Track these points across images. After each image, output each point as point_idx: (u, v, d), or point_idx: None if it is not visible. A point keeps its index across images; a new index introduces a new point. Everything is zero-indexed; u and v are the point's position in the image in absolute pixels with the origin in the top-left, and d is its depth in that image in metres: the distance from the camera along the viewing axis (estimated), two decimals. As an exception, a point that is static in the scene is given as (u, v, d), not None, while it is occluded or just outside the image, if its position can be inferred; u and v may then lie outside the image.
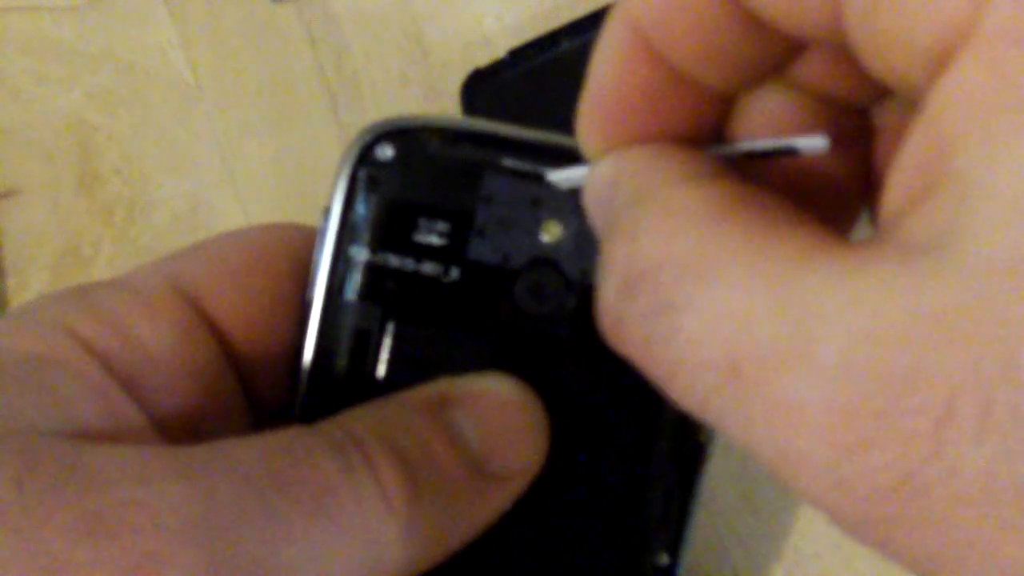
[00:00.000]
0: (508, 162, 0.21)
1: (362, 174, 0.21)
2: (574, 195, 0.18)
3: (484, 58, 0.32)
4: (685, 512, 0.22)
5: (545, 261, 0.21)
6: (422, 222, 0.21)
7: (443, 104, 0.33)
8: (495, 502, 0.20)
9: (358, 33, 0.34)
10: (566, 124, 0.20)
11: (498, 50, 0.32)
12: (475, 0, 0.33)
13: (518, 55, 0.32)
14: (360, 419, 0.19)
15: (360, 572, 0.18)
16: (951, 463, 0.11)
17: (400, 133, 0.21)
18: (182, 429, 0.20)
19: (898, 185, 0.12)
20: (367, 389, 0.21)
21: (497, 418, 0.20)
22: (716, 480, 0.30)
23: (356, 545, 0.17)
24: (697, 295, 0.13)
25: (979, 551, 0.11)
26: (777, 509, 0.31)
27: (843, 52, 0.14)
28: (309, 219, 0.22)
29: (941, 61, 0.11)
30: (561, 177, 0.20)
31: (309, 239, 0.22)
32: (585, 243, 0.21)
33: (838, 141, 0.16)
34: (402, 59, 0.34)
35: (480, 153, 0.21)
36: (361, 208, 0.21)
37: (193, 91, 0.34)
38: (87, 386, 0.18)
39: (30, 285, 0.34)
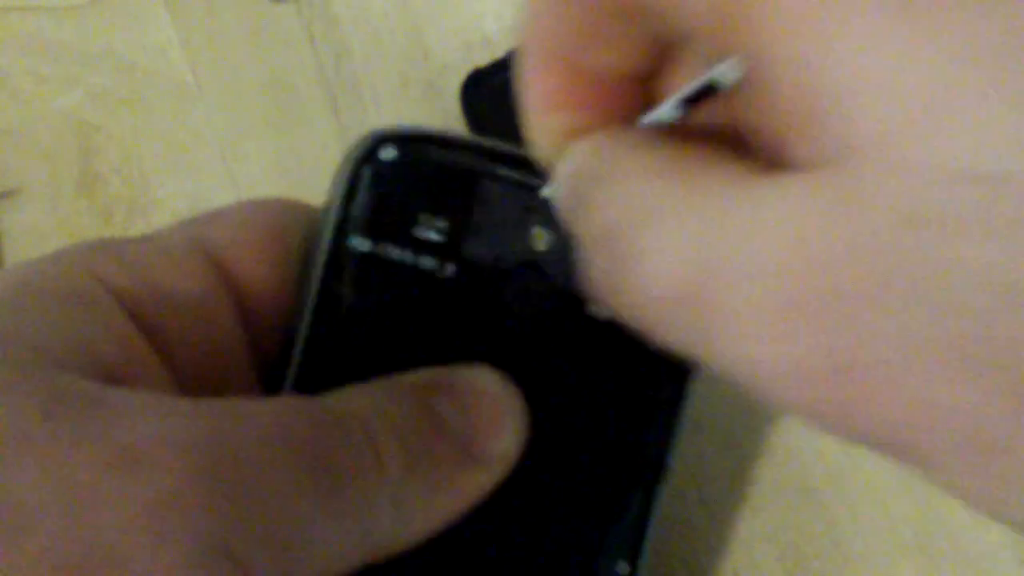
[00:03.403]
0: (504, 172, 0.22)
1: (366, 171, 0.22)
2: None
3: (484, 58, 0.32)
4: (645, 524, 0.23)
5: (534, 265, 0.22)
6: (422, 218, 0.22)
7: (443, 104, 0.33)
8: (476, 485, 0.20)
9: (358, 33, 0.34)
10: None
11: (498, 50, 0.32)
12: (475, 0, 0.33)
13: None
14: (357, 394, 0.20)
15: (352, 537, 0.18)
16: (868, 333, 0.12)
17: (404, 138, 0.22)
18: (195, 383, 0.20)
19: (772, 116, 0.13)
20: (359, 371, 0.21)
21: (478, 406, 0.21)
22: (716, 480, 0.31)
23: (351, 509, 0.18)
24: (653, 237, 0.14)
25: (924, 408, 0.12)
26: (777, 509, 0.31)
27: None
28: (309, 219, 0.22)
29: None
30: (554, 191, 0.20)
31: (318, 221, 0.22)
32: (569, 250, 0.22)
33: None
34: (402, 59, 0.34)
35: (478, 161, 0.22)
36: (364, 202, 0.22)
37: (193, 91, 0.34)
38: (111, 329, 0.19)
39: (30, 285, 0.34)
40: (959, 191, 0.11)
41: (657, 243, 0.14)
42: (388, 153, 0.22)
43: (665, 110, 0.17)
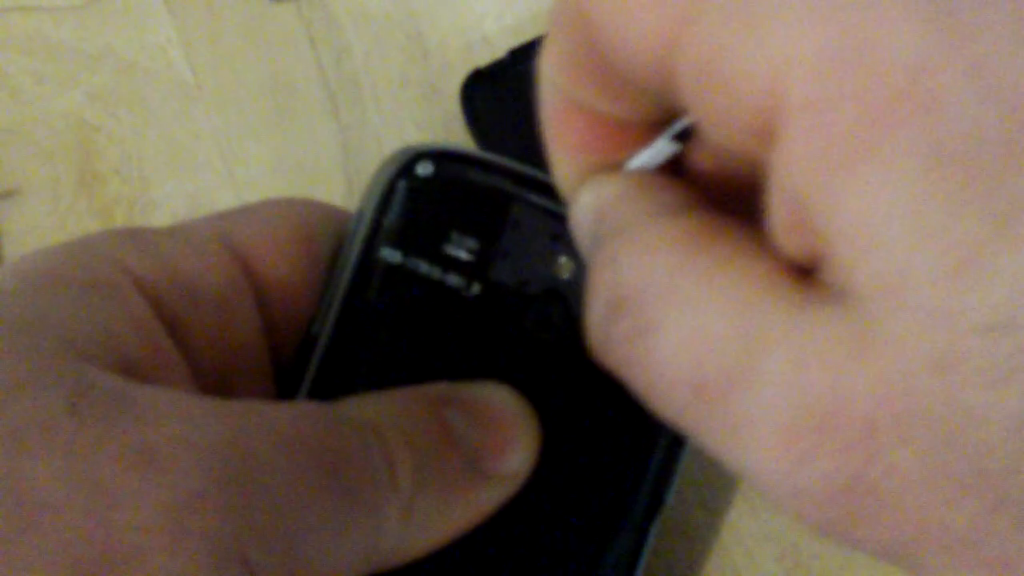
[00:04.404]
0: (536, 199, 0.22)
1: (401, 184, 0.22)
2: None
3: (484, 58, 0.32)
4: (638, 555, 0.23)
5: (557, 294, 0.22)
6: (453, 236, 0.22)
7: (443, 104, 0.33)
8: (484, 502, 0.20)
9: (358, 33, 0.34)
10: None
11: (498, 50, 0.32)
12: (475, 0, 0.33)
13: (518, 55, 0.32)
14: (374, 403, 0.20)
15: (359, 547, 0.18)
16: (887, 464, 0.12)
17: (441, 155, 0.22)
18: (213, 377, 0.20)
19: (786, 240, 0.14)
20: (375, 380, 0.21)
21: (492, 423, 0.21)
22: (716, 480, 0.31)
23: (361, 519, 0.18)
24: (669, 318, 0.14)
25: (933, 528, 0.12)
26: (777, 509, 0.31)
27: None
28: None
29: (767, 134, 0.13)
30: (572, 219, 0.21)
31: (348, 226, 0.22)
32: None
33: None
34: (402, 59, 0.34)
35: (511, 185, 0.22)
36: (397, 215, 0.22)
37: (193, 91, 0.34)
38: (134, 321, 0.19)
39: (30, 285, 0.34)
40: (981, 339, 0.11)
41: (674, 326, 0.14)
42: (425, 169, 0.22)
43: (658, 148, 0.17)
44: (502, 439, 0.21)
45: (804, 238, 0.13)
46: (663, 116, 0.17)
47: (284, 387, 0.22)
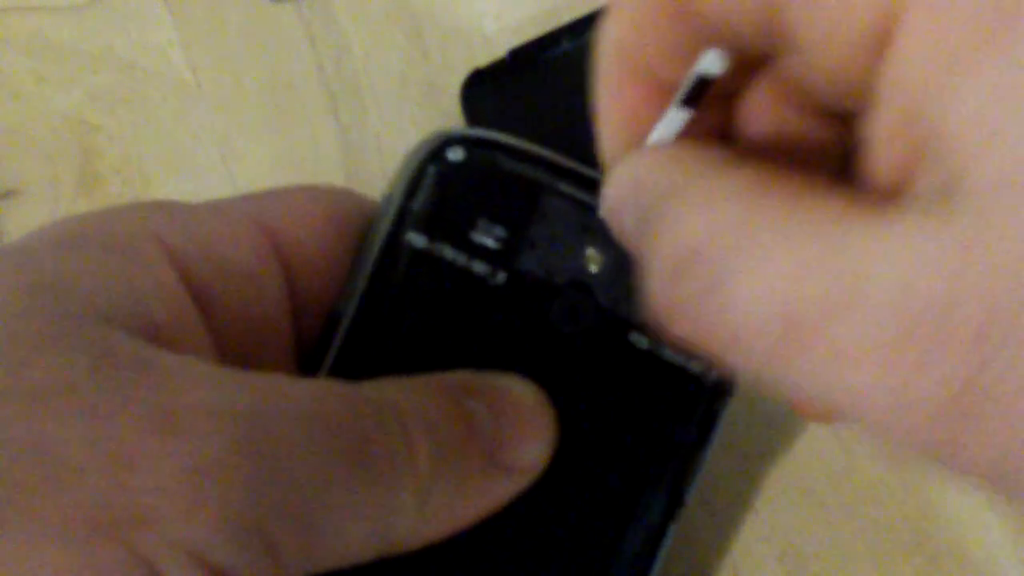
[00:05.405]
0: (566, 188, 0.22)
1: (431, 169, 0.22)
2: None
3: (484, 58, 0.32)
4: (653, 555, 0.23)
5: (583, 286, 0.22)
6: (480, 223, 0.22)
7: (443, 104, 0.33)
8: (500, 493, 0.20)
9: (358, 33, 0.34)
10: (567, 125, 0.20)
11: (498, 50, 0.32)
12: (475, 0, 0.33)
13: (518, 55, 0.32)
14: (396, 386, 0.20)
15: (374, 527, 0.18)
16: (1003, 364, 0.12)
17: (472, 141, 0.22)
18: (236, 351, 0.20)
19: (885, 150, 0.14)
20: (397, 364, 0.21)
21: (510, 414, 0.21)
22: (716, 480, 0.31)
23: (378, 499, 0.18)
24: (749, 263, 0.14)
25: None
26: (777, 509, 0.31)
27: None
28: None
29: (881, 40, 0.13)
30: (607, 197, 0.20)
31: (376, 212, 0.22)
32: (621, 276, 0.22)
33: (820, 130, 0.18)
34: (402, 59, 0.34)
35: (542, 174, 0.22)
36: (425, 199, 0.22)
37: (193, 91, 0.34)
38: (161, 288, 0.19)
39: (30, 285, 0.34)
40: None
41: (754, 269, 0.14)
42: (455, 154, 0.22)
43: (671, 117, 0.17)
44: (521, 432, 0.21)
45: (906, 146, 0.13)
46: (732, 83, 0.17)
47: (306, 365, 0.22)
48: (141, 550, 0.15)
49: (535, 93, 0.32)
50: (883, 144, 0.14)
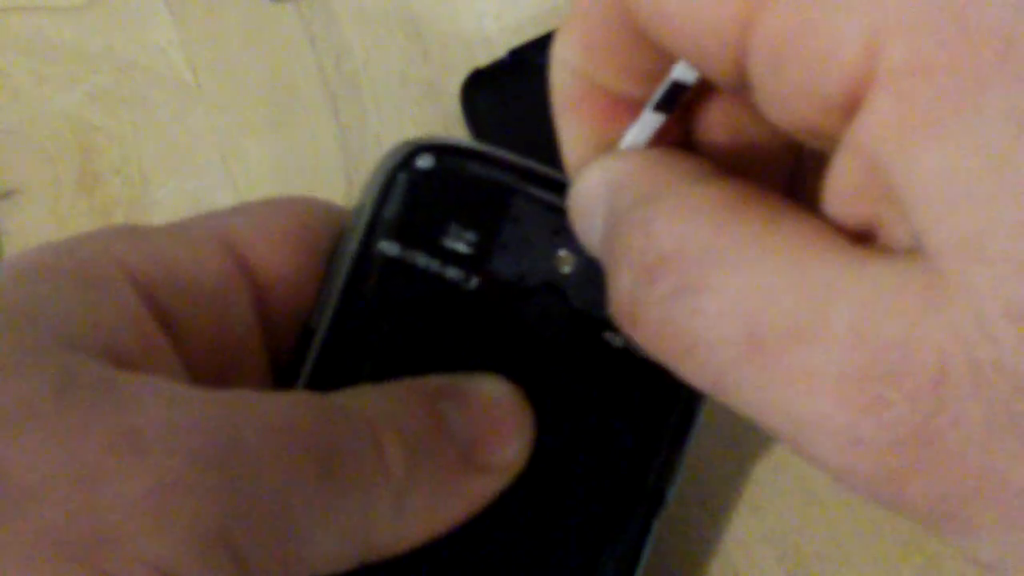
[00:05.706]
0: (537, 192, 0.22)
1: (401, 177, 0.22)
2: None
3: (484, 58, 0.32)
4: (638, 554, 0.23)
5: (555, 287, 0.22)
6: (452, 229, 0.22)
7: (443, 104, 0.33)
8: (478, 493, 0.20)
9: (358, 33, 0.34)
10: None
11: (498, 50, 0.32)
12: (475, 0, 0.33)
13: (518, 55, 0.32)
14: (366, 394, 0.20)
15: (351, 536, 0.18)
16: (955, 413, 0.12)
17: (441, 149, 0.22)
18: (207, 372, 0.20)
19: (852, 198, 0.14)
20: (373, 373, 0.21)
21: (485, 414, 0.21)
22: (716, 480, 0.31)
23: (352, 508, 0.18)
24: (718, 276, 0.14)
25: (991, 481, 0.12)
26: (777, 509, 0.31)
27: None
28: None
29: (850, 105, 0.13)
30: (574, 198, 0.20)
31: (347, 220, 0.22)
32: (593, 276, 0.22)
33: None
34: (402, 59, 0.34)
35: (511, 179, 0.22)
36: (396, 207, 0.22)
37: (193, 91, 0.34)
38: (125, 313, 0.19)
39: (30, 285, 0.34)
40: None
41: (724, 283, 0.14)
42: (425, 162, 0.22)
43: (644, 121, 0.18)
44: (496, 430, 0.21)
45: (868, 205, 0.14)
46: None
47: (282, 380, 0.22)
48: (108, 569, 0.15)
49: (535, 93, 0.32)
50: (850, 191, 0.14)
